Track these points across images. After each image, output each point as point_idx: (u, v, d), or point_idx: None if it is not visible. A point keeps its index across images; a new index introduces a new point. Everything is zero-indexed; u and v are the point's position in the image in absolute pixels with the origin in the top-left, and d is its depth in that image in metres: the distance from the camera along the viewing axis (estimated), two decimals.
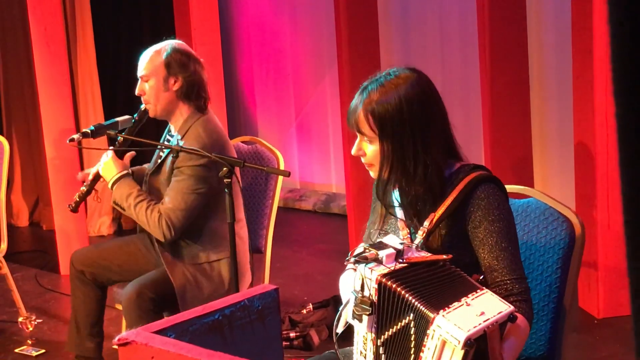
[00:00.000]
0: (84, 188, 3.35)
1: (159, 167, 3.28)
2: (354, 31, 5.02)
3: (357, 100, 2.13)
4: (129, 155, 3.34)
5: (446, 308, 1.85)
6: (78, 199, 3.35)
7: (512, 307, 1.91)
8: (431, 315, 1.84)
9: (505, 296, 2.03)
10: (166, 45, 3.26)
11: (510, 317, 1.90)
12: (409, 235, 2.14)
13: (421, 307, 1.86)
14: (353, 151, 2.18)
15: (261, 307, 1.37)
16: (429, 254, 2.02)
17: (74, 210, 3.36)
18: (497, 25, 4.29)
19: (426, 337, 1.84)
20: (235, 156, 3.26)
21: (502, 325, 1.90)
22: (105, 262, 3.43)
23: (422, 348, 1.86)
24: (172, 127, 3.33)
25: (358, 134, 2.16)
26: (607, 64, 0.66)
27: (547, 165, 5.34)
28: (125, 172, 3.24)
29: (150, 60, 3.22)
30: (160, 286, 3.14)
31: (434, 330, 1.83)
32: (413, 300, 1.87)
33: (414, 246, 2.06)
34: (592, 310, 4.13)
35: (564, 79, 4.82)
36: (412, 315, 1.89)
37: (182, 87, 3.21)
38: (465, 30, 5.59)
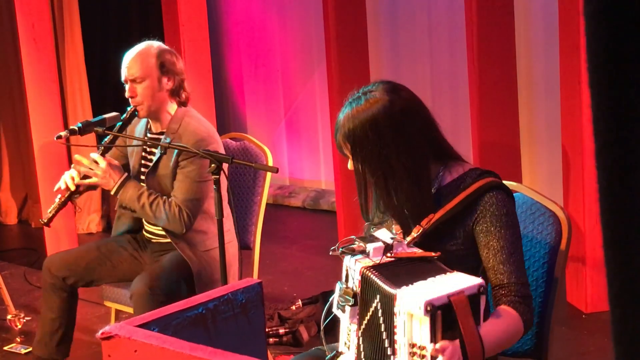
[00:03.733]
0: (58, 201, 3.26)
1: (154, 167, 3.28)
2: (343, 28, 5.02)
3: (337, 123, 2.14)
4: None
5: (408, 285, 1.85)
6: (54, 212, 3.25)
7: (480, 280, 1.87)
8: (393, 292, 1.83)
9: (507, 297, 2.02)
10: (152, 46, 3.29)
11: (480, 290, 1.86)
12: (401, 231, 2.14)
13: (384, 286, 1.86)
14: (349, 165, 2.19)
15: (245, 300, 1.37)
16: (420, 250, 2.02)
17: (47, 224, 3.27)
18: (485, 22, 4.30)
19: (394, 316, 1.84)
20: (223, 149, 3.31)
21: (473, 300, 1.85)
22: (84, 266, 3.39)
23: (395, 330, 1.85)
24: (153, 126, 3.34)
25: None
26: None
27: (535, 161, 5.36)
28: (125, 174, 3.25)
29: (141, 61, 3.24)
30: (169, 277, 3.16)
31: (399, 306, 1.82)
32: (380, 283, 1.87)
33: (405, 242, 2.05)
34: (580, 304, 4.15)
35: (552, 75, 4.83)
36: (378, 297, 1.89)
37: (173, 85, 3.28)
38: (454, 27, 5.60)
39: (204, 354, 1.05)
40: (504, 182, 2.52)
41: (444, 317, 1.79)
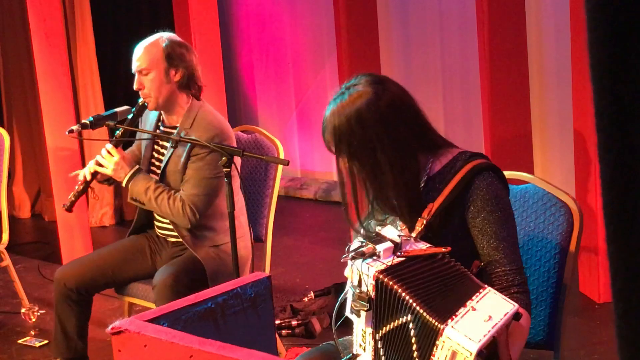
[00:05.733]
0: (77, 187, 3.27)
1: (167, 162, 3.28)
2: (353, 19, 5.01)
3: (323, 122, 2.12)
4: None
5: (453, 317, 1.83)
6: (73, 198, 3.25)
7: (516, 305, 1.88)
8: (440, 326, 1.81)
9: (505, 287, 2.03)
10: (161, 37, 3.28)
11: (515, 316, 1.88)
12: (406, 226, 2.13)
13: (426, 314, 1.84)
14: (340, 164, 2.18)
15: (254, 294, 1.37)
16: (428, 245, 2.01)
17: (69, 209, 3.26)
18: (495, 12, 4.28)
19: (435, 347, 1.82)
20: (235, 145, 3.32)
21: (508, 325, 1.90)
22: (97, 273, 3.34)
23: (431, 358, 1.85)
24: (166, 119, 3.34)
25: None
26: None
27: (547, 152, 5.34)
28: (137, 167, 3.25)
29: (148, 53, 3.23)
30: (192, 271, 3.16)
31: (444, 342, 1.81)
32: (415, 306, 1.85)
33: (412, 238, 2.04)
34: (592, 294, 4.14)
35: (564, 65, 4.81)
36: (409, 316, 1.87)
37: (183, 78, 3.24)
38: (465, 17, 5.58)
39: (213, 349, 1.06)
40: (515, 173, 2.53)
41: (486, 353, 1.82)
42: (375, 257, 1.95)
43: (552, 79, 5.22)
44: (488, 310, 1.86)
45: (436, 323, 1.82)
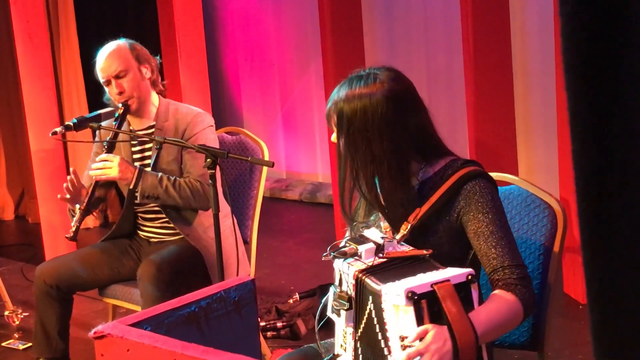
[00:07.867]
0: (78, 212, 3.18)
1: (156, 160, 3.28)
2: (338, 20, 5.01)
3: (333, 94, 2.14)
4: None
5: (395, 281, 1.84)
6: (78, 224, 3.16)
7: (470, 270, 1.86)
8: (378, 288, 1.84)
9: (508, 283, 1.99)
10: (120, 42, 3.37)
11: (469, 279, 1.85)
12: (390, 229, 2.13)
13: (372, 284, 1.86)
14: (332, 137, 2.19)
15: (237, 298, 1.37)
16: (410, 248, 2.00)
17: (74, 238, 3.15)
18: (480, 14, 4.29)
19: (383, 312, 1.84)
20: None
21: (462, 288, 1.84)
22: (79, 272, 3.33)
23: (386, 327, 1.85)
24: (133, 123, 3.37)
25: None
26: None
27: (531, 153, 5.36)
28: (138, 165, 3.24)
29: (118, 56, 3.30)
30: (178, 262, 3.16)
31: (385, 302, 1.82)
32: (369, 282, 1.87)
33: (394, 240, 2.04)
34: (576, 295, 4.16)
35: (547, 66, 4.83)
36: (370, 298, 1.89)
37: (153, 74, 3.36)
38: (449, 18, 5.60)
39: (197, 353, 1.06)
40: (499, 174, 2.53)
41: (430, 306, 1.78)
42: (356, 257, 1.95)
43: (536, 80, 5.24)
44: (434, 275, 1.84)
45: (376, 287, 1.84)
